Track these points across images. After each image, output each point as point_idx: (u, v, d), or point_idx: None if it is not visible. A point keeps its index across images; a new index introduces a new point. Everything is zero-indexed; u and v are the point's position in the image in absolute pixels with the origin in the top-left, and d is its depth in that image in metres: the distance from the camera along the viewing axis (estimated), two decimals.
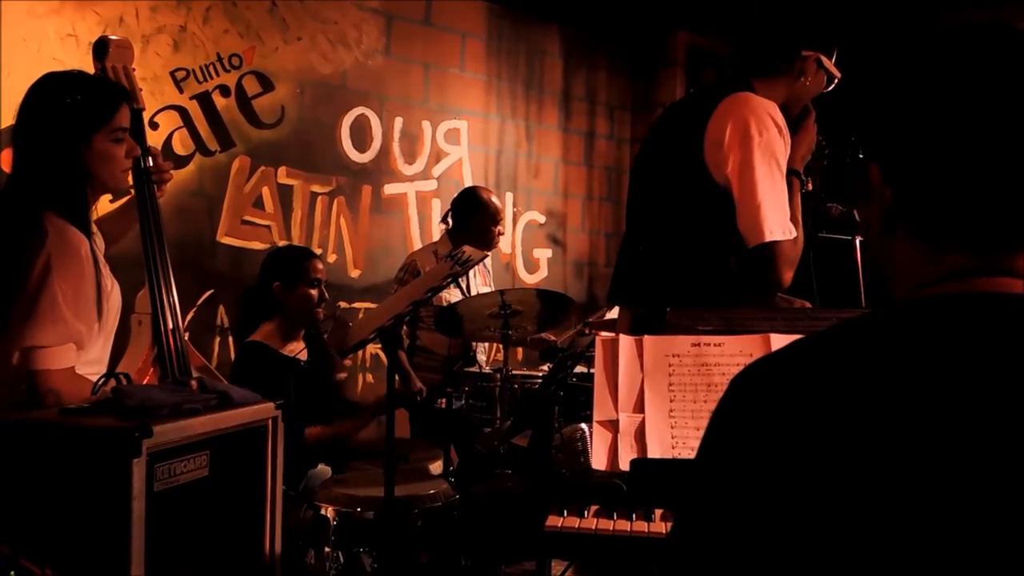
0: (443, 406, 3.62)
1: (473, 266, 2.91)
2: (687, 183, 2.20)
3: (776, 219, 2.06)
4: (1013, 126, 0.79)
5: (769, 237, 2.04)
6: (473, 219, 3.91)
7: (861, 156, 0.90)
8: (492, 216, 3.91)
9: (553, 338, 4.01)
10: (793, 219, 2.14)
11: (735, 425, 0.80)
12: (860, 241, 3.27)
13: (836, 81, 2.32)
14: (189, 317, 4.01)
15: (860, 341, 0.79)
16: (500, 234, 3.98)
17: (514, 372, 3.57)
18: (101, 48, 2.24)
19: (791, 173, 2.21)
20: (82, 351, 1.92)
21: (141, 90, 2.30)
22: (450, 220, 4.01)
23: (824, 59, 2.24)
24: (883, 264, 0.90)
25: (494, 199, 3.99)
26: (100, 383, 1.74)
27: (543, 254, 5.64)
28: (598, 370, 1.81)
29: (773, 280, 2.08)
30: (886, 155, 0.88)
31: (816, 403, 0.75)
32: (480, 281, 4.07)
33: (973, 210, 0.81)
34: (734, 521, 0.76)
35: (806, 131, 2.31)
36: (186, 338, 2.24)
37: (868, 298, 3.20)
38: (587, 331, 3.63)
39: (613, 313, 3.31)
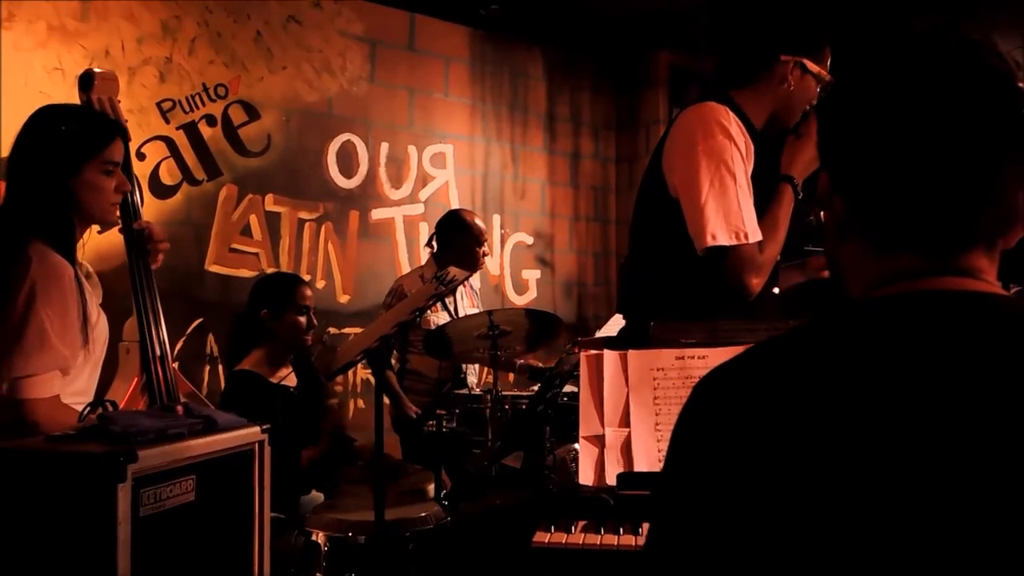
0: (434, 429, 3.61)
1: (458, 286, 2.92)
2: (651, 197, 2.20)
3: (719, 224, 2.01)
4: (954, 133, 0.80)
5: (711, 242, 2.00)
6: (457, 241, 3.93)
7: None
8: (476, 237, 3.93)
9: (540, 364, 4.02)
10: (771, 225, 2.11)
11: (699, 430, 0.81)
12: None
13: (829, 85, 2.27)
14: (178, 346, 4.01)
15: (813, 343, 0.81)
16: (485, 255, 4.00)
17: (504, 393, 3.57)
18: (87, 80, 2.26)
19: (784, 179, 2.18)
20: (68, 378, 1.92)
21: (127, 121, 2.31)
22: (435, 243, 4.03)
23: (808, 63, 2.18)
24: (838, 268, 0.91)
25: (477, 220, 4.01)
26: (86, 411, 1.74)
27: (532, 275, 5.66)
28: (583, 385, 1.82)
29: (733, 286, 2.04)
30: (834, 164, 0.89)
31: (775, 404, 0.76)
32: (468, 303, 4.08)
33: (919, 215, 0.82)
34: (700, 526, 0.77)
35: (808, 137, 2.23)
36: (175, 366, 2.24)
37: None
38: (576, 350, 3.63)
39: (604, 330, 3.32)
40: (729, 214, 2.02)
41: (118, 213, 2.15)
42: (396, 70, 4.95)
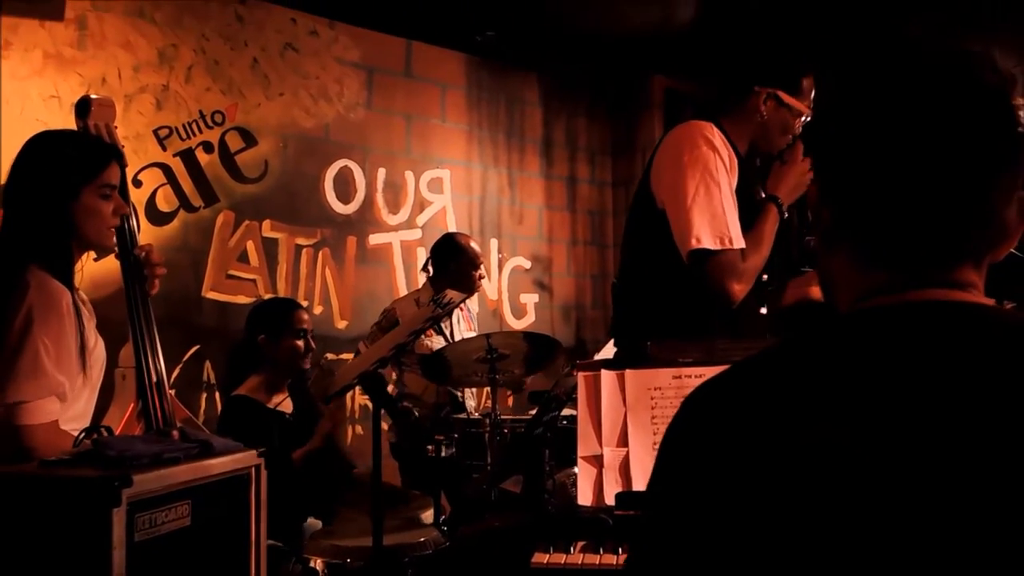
0: (432, 454, 3.59)
1: (455, 308, 2.92)
2: (641, 213, 2.25)
3: (704, 228, 2.06)
4: (945, 149, 0.80)
5: (696, 244, 2.05)
6: (453, 265, 3.93)
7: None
8: (471, 261, 3.94)
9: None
10: (756, 237, 2.15)
11: (688, 441, 0.81)
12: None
13: (808, 117, 2.33)
14: (175, 373, 4.00)
15: (801, 355, 0.81)
16: (481, 278, 4.00)
17: (503, 417, 3.56)
18: (83, 107, 2.27)
19: (769, 198, 2.23)
20: (65, 404, 1.91)
21: (124, 146, 2.32)
22: (431, 267, 4.03)
23: (783, 95, 2.25)
24: (827, 279, 0.91)
25: (473, 244, 4.02)
26: (81, 436, 1.73)
27: (530, 299, 5.66)
28: (581, 406, 1.82)
29: (716, 292, 2.07)
30: (823, 175, 0.89)
31: (763, 416, 0.76)
32: (464, 327, 4.07)
33: (907, 229, 0.82)
34: (687, 536, 0.77)
35: (792, 163, 2.29)
36: (171, 393, 2.23)
37: None
38: (574, 372, 3.62)
39: (603, 354, 3.32)
40: (714, 219, 2.07)
41: (115, 239, 2.15)
42: (393, 96, 4.98)
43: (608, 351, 2.89)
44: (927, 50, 0.83)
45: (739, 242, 2.10)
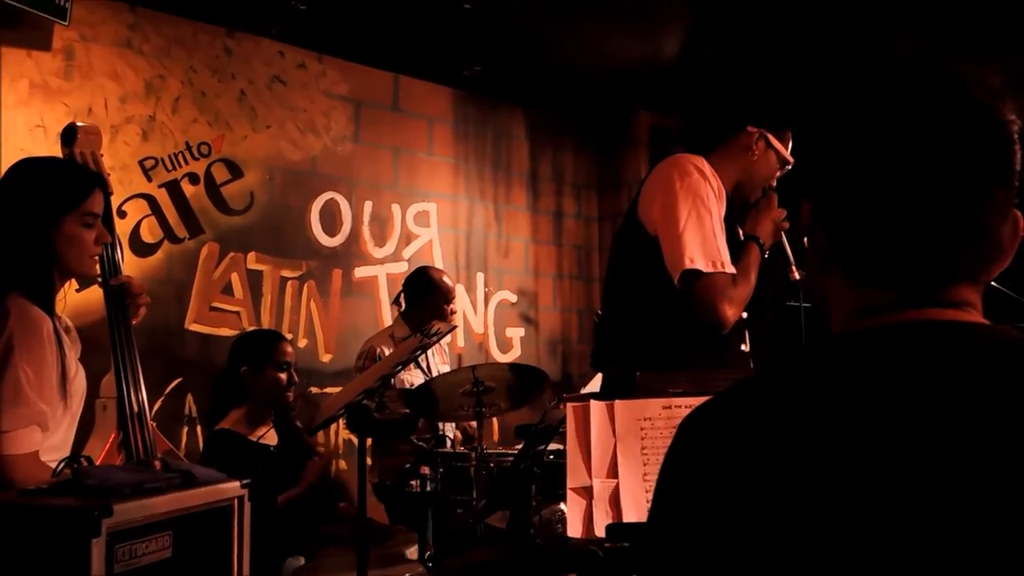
0: (417, 489, 3.54)
1: (442, 338, 2.90)
2: (628, 243, 2.26)
3: (697, 249, 2.08)
4: (937, 168, 0.79)
5: (689, 264, 2.06)
6: (426, 299, 3.91)
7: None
8: (444, 295, 3.93)
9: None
10: (743, 270, 2.17)
11: (685, 466, 0.80)
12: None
13: (788, 167, 2.37)
14: (157, 406, 3.94)
15: (796, 376, 0.80)
16: (453, 313, 4.00)
17: (489, 451, 3.52)
18: (69, 134, 2.26)
19: (749, 238, 2.25)
20: (46, 433, 1.88)
21: (109, 175, 2.30)
22: (403, 301, 4.01)
23: (772, 138, 2.29)
24: (822, 300, 0.91)
25: (445, 278, 4.01)
26: (61, 466, 1.69)
27: (516, 333, 5.64)
28: (570, 437, 1.79)
29: (708, 317, 2.08)
30: (817, 196, 0.89)
31: (759, 438, 0.76)
32: (439, 360, 4.05)
33: (901, 249, 0.82)
34: (696, 562, 0.75)
35: (768, 212, 2.33)
36: (153, 424, 2.20)
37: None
38: (562, 406, 3.59)
39: (589, 388, 3.30)
40: (706, 243, 2.09)
41: (98, 268, 2.13)
42: (380, 130, 4.99)
43: (595, 384, 2.88)
44: (917, 68, 0.83)
45: (730, 267, 2.12)
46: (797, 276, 2.36)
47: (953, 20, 3.68)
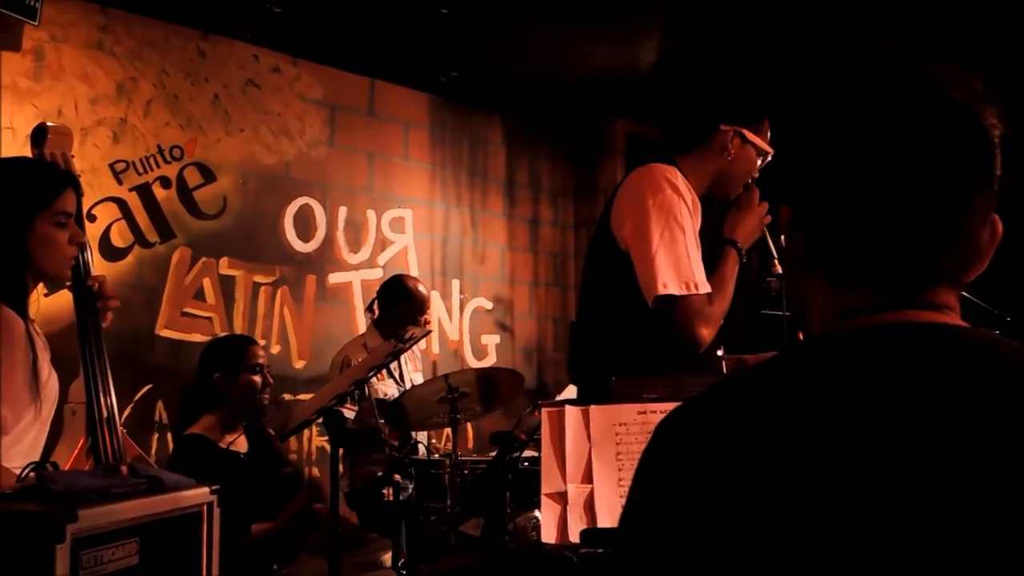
0: (390, 497, 3.51)
1: (416, 343, 2.88)
2: (601, 254, 2.24)
3: (670, 274, 2.06)
4: (916, 170, 0.79)
5: (662, 290, 2.04)
6: (399, 308, 3.88)
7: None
8: (419, 305, 3.90)
9: None
10: (719, 282, 2.15)
11: (662, 467, 0.80)
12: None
13: (768, 157, 2.35)
14: (127, 413, 3.89)
15: (774, 377, 0.80)
16: (427, 322, 3.97)
17: (463, 458, 3.50)
18: (39, 134, 2.21)
19: (727, 243, 2.24)
20: (11, 438, 1.83)
21: (80, 175, 2.26)
22: (376, 309, 3.98)
23: (748, 133, 2.27)
24: (801, 301, 0.90)
25: (421, 287, 3.98)
26: (26, 471, 1.65)
27: (491, 340, 5.62)
28: (545, 442, 1.78)
29: (683, 337, 2.07)
30: (796, 198, 0.89)
31: (736, 439, 0.75)
32: (411, 367, 4.02)
33: (881, 251, 0.81)
34: (665, 564, 0.75)
35: (749, 208, 2.31)
36: (122, 430, 2.16)
37: None
38: (536, 412, 3.58)
39: (564, 395, 3.30)
40: (679, 265, 2.07)
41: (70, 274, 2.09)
42: (356, 134, 4.97)
43: (570, 393, 2.87)
44: (898, 70, 0.83)
45: (704, 287, 2.09)
46: (780, 270, 2.36)
47: (933, 24, 3.71)
